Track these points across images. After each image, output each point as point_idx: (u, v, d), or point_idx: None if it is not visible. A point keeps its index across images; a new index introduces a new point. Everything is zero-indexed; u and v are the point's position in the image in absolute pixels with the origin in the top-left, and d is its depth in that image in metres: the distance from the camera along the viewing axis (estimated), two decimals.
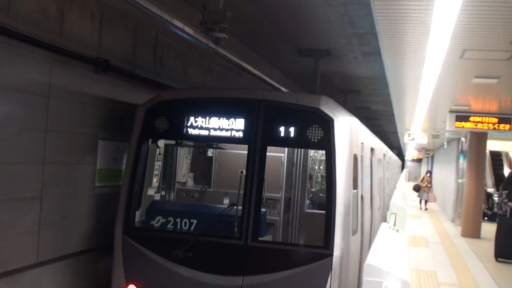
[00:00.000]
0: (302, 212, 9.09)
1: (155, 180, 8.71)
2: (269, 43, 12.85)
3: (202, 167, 9.99)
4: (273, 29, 11.41)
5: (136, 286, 6.88)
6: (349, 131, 6.87)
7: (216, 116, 7.10)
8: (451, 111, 17.52)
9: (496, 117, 17.49)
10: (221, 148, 9.39)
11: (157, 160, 8.66)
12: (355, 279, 7.51)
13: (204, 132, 7.14)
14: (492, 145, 26.09)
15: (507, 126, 17.43)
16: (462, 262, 15.42)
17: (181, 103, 7.24)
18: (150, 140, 7.48)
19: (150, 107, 7.33)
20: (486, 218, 25.22)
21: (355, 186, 7.34)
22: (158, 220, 7.48)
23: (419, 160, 75.68)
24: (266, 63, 14.87)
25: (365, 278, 5.11)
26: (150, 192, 8.50)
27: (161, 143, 8.75)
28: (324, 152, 7.51)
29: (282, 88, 12.34)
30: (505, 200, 19.47)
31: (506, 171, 27.27)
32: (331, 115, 6.79)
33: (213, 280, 6.61)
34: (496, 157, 31.08)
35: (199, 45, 7.93)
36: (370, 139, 10.10)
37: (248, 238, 6.71)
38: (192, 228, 7.33)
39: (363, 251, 8.17)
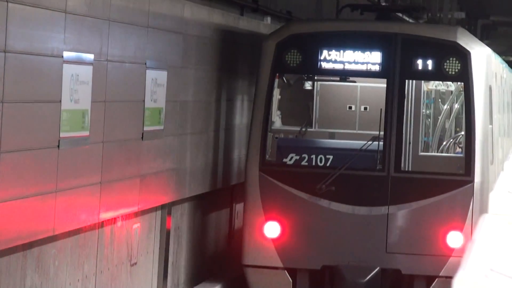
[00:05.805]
0: (416, 156, 9.52)
1: None
2: None
3: (294, 104, 10.50)
4: None
5: (278, 222, 8.07)
6: (485, 63, 8.49)
7: (351, 50, 8.59)
8: None
9: None
10: (353, 81, 10.05)
11: None
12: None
13: (339, 66, 8.64)
14: None
15: None
16: None
17: (313, 37, 8.47)
18: (278, 75, 8.71)
19: (280, 41, 8.46)
20: None
21: (490, 118, 8.50)
22: (292, 157, 9.01)
23: None
24: None
25: None
26: None
27: None
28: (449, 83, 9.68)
29: None
30: None
31: None
32: (467, 47, 8.50)
33: (359, 211, 8.29)
34: None
35: None
36: (499, 67, 11.29)
37: (390, 169, 8.26)
38: (328, 163, 8.82)
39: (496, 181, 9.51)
